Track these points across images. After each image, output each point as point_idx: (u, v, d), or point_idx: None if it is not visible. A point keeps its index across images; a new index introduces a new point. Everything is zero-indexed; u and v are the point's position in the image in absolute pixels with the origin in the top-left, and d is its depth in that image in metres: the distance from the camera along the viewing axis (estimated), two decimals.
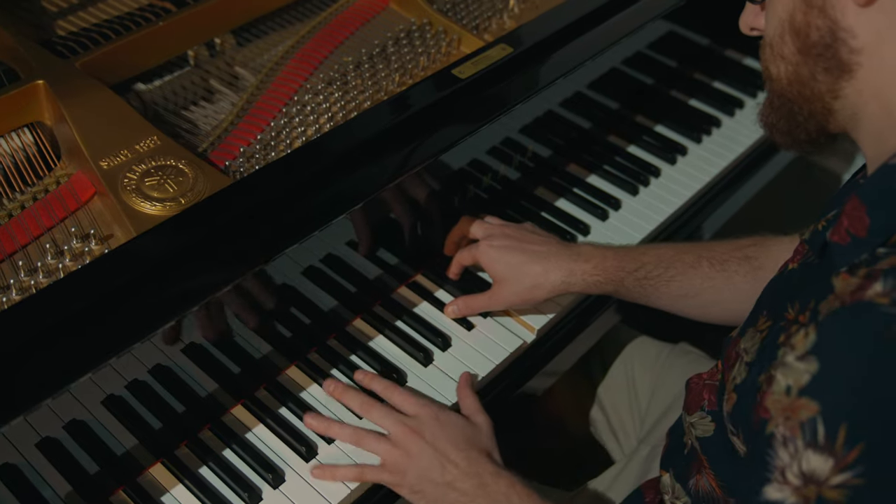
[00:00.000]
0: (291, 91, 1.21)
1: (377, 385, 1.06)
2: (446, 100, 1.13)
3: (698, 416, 0.99)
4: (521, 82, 1.18)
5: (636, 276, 1.13)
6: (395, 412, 1.02)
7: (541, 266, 1.12)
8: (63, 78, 1.09)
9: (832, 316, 0.69)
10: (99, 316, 0.89)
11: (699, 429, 0.97)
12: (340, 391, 1.05)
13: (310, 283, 1.10)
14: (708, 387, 1.00)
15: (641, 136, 1.48)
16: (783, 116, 0.85)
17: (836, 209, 0.82)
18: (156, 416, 1.00)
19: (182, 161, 1.03)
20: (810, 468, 0.67)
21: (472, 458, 0.97)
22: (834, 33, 0.75)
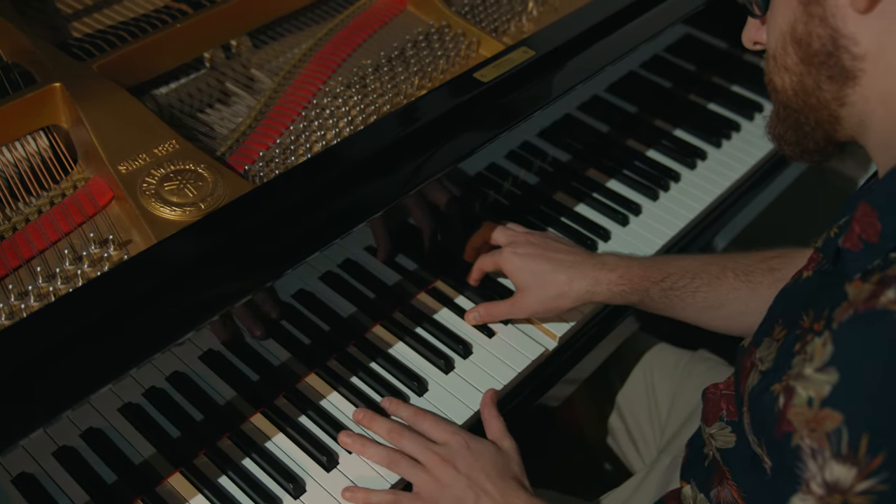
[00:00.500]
0: (310, 94, 1.20)
1: (404, 412, 1.04)
2: (469, 104, 1.11)
3: (717, 426, 0.97)
4: (544, 86, 1.16)
5: (661, 287, 1.11)
6: (425, 440, 1.01)
7: (565, 275, 1.11)
8: (80, 80, 1.08)
9: (847, 324, 0.69)
10: (119, 324, 0.88)
11: (719, 440, 0.96)
12: (369, 419, 1.03)
13: (328, 288, 1.08)
14: (725, 397, 0.98)
15: (661, 140, 1.47)
16: (790, 127, 0.85)
17: (847, 215, 0.82)
18: (173, 425, 0.98)
19: (201, 165, 1.02)
20: (833, 477, 0.67)
21: (505, 489, 0.96)
22: (835, 41, 0.75)
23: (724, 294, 1.11)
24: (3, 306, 0.89)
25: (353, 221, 1.01)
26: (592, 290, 1.11)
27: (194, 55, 1.24)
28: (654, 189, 1.38)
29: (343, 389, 1.07)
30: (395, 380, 1.09)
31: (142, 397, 0.96)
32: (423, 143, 1.08)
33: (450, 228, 1.20)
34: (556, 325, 1.17)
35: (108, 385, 0.87)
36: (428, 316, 1.16)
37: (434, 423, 1.02)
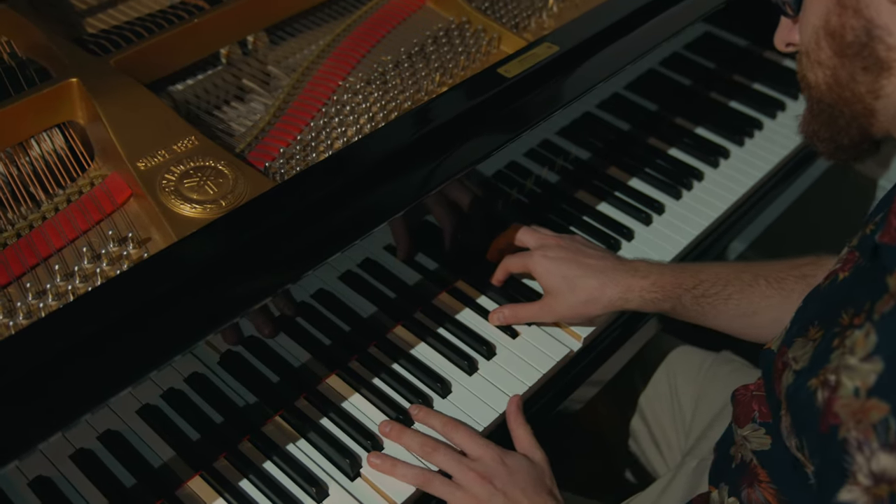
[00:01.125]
0: (329, 91, 1.17)
1: (435, 421, 1.02)
2: (493, 99, 1.09)
3: (751, 428, 0.95)
4: (569, 81, 1.14)
5: (694, 294, 1.09)
6: (459, 455, 0.98)
7: (597, 280, 1.09)
8: (97, 76, 1.06)
9: (890, 314, 0.69)
10: (139, 325, 0.85)
11: (754, 441, 0.94)
12: (397, 433, 1.00)
13: (348, 288, 1.06)
14: (757, 398, 0.96)
15: (682, 138, 1.44)
16: (824, 123, 0.85)
17: (883, 212, 0.81)
18: (193, 427, 0.96)
19: (221, 162, 1.00)
20: (881, 468, 0.67)
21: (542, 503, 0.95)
22: (870, 32, 0.75)
23: (757, 302, 1.09)
24: (22, 305, 0.87)
25: (375, 220, 0.99)
26: (624, 297, 1.09)
27: (211, 51, 1.22)
28: (676, 188, 1.35)
29: (365, 391, 1.05)
30: (417, 381, 1.07)
31: (160, 399, 0.94)
32: (447, 139, 1.05)
33: (471, 228, 1.18)
34: (580, 327, 1.15)
35: (127, 388, 0.85)
36: (450, 316, 1.14)
37: (467, 435, 1.00)
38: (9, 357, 0.81)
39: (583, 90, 1.15)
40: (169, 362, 0.87)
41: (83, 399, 0.82)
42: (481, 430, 1.03)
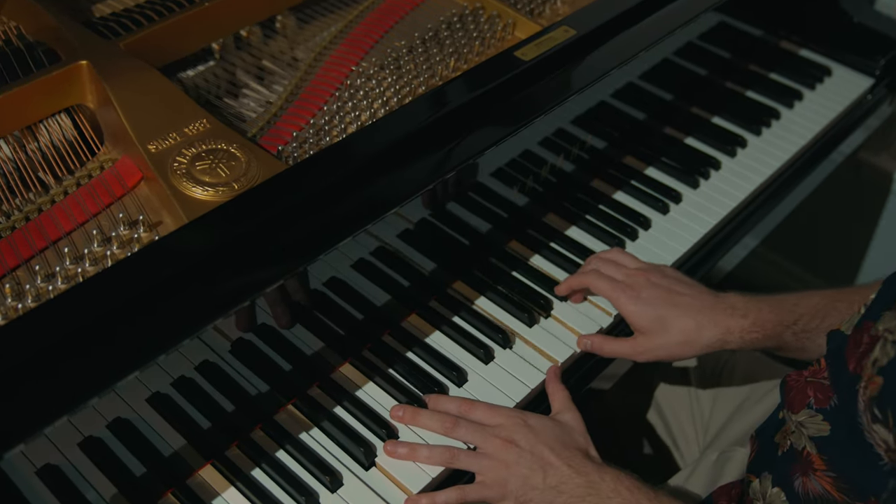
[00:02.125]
0: (342, 76, 1.15)
1: (451, 406, 0.99)
2: (510, 82, 1.07)
3: (806, 414, 0.93)
4: (586, 65, 1.12)
5: (794, 330, 1.05)
6: (480, 427, 0.96)
7: (694, 321, 1.04)
8: (107, 58, 1.04)
9: None
10: (148, 308, 0.83)
11: (811, 428, 0.91)
12: (411, 415, 0.98)
13: (361, 276, 1.04)
14: (812, 384, 0.94)
15: (699, 128, 1.42)
16: None
17: None
18: (204, 415, 0.94)
19: (234, 145, 0.98)
20: None
21: (571, 458, 0.93)
22: None
23: None
24: (30, 288, 0.85)
25: (389, 204, 0.97)
26: (724, 339, 1.05)
27: (222, 36, 1.20)
28: (693, 176, 1.33)
29: (379, 379, 1.03)
30: (433, 370, 1.05)
31: (170, 387, 0.92)
32: (462, 123, 1.03)
33: (485, 216, 1.16)
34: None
35: (134, 373, 0.83)
36: (466, 305, 1.12)
37: (486, 409, 0.98)
38: (16, 340, 0.79)
39: (600, 74, 1.13)
40: (177, 347, 0.84)
41: (90, 383, 0.80)
42: None
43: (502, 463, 0.93)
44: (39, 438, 0.80)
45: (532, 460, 0.93)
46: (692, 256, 1.26)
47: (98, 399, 0.81)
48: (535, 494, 0.92)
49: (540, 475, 0.92)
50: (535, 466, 0.92)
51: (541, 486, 0.92)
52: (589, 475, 0.92)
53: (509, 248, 1.17)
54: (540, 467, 0.92)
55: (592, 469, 0.93)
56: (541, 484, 0.92)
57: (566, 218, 1.25)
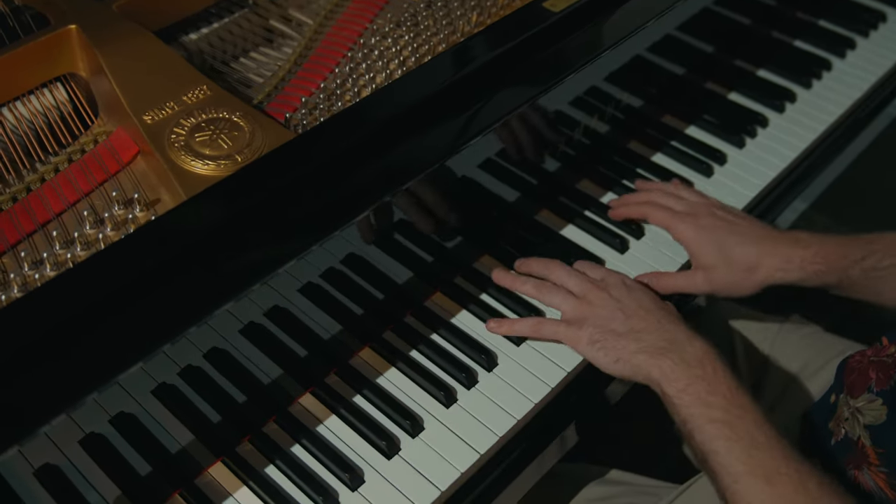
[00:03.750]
0: (356, 34, 1.06)
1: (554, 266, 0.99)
2: (538, 37, 0.97)
3: (866, 399, 0.84)
4: (621, 15, 1.02)
5: (863, 267, 0.97)
6: (579, 272, 0.97)
7: (755, 249, 0.99)
8: (99, 22, 0.96)
9: None
10: (146, 294, 0.76)
11: (868, 415, 0.83)
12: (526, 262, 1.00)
13: (382, 252, 0.96)
14: (875, 364, 0.85)
15: (744, 82, 1.32)
16: None
17: None
18: (213, 408, 0.87)
19: (237, 113, 0.89)
20: None
21: (662, 318, 0.90)
22: None
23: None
24: (16, 277, 0.78)
25: (408, 174, 0.88)
26: (784, 269, 0.99)
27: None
28: (739, 135, 1.23)
29: (402, 365, 0.95)
30: (459, 353, 0.97)
31: (177, 377, 0.85)
32: (486, 84, 0.94)
33: (514, 184, 1.07)
34: None
35: (137, 364, 0.75)
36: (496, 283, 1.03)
37: (589, 264, 0.98)
38: (4, 332, 0.72)
39: (636, 26, 1.03)
40: (182, 335, 0.77)
41: (88, 377, 0.73)
42: (532, 405, 0.93)
43: (586, 302, 0.92)
44: (37, 437, 0.73)
45: (617, 307, 0.91)
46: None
47: (98, 394, 0.74)
48: (611, 336, 0.89)
49: (621, 319, 0.90)
50: (618, 313, 0.90)
51: (620, 329, 0.89)
52: (677, 334, 0.87)
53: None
54: (623, 314, 0.90)
55: (683, 331, 0.88)
56: (620, 327, 0.89)
57: (601, 184, 1.16)
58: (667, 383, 0.85)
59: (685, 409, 0.83)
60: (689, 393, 0.83)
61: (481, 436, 0.90)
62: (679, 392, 0.84)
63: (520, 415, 0.92)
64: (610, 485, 1.08)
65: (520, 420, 0.92)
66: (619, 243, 1.07)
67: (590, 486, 1.07)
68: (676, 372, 0.84)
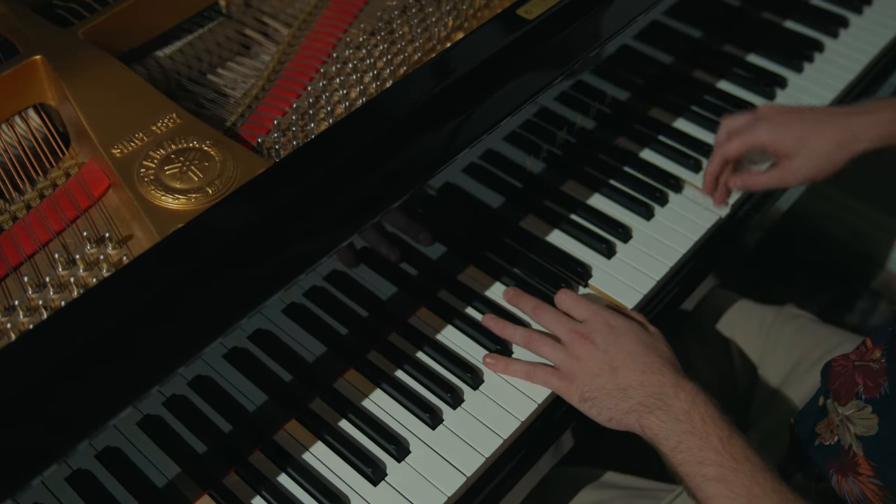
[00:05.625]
0: (329, 46, 1.04)
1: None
2: (514, 46, 0.94)
3: (855, 406, 0.83)
4: (600, 18, 0.99)
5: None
6: (565, 317, 0.96)
7: (831, 127, 1.05)
8: (64, 51, 0.94)
9: None
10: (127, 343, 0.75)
11: (859, 425, 0.82)
12: (517, 296, 1.00)
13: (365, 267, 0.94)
14: (861, 369, 0.84)
15: (732, 69, 1.29)
16: None
17: None
18: (199, 438, 0.87)
19: (207, 142, 0.88)
20: None
21: (648, 364, 0.89)
22: None
23: None
24: None
25: (383, 203, 0.86)
26: (859, 139, 1.04)
27: (198, 9, 1.09)
28: None
29: (386, 387, 0.94)
30: (445, 371, 0.96)
31: (162, 407, 0.85)
32: (465, 96, 0.92)
33: (501, 190, 1.05)
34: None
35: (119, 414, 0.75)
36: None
37: (575, 301, 0.97)
38: None
39: (618, 27, 1.00)
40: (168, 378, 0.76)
41: (71, 431, 0.73)
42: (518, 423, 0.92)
43: (575, 357, 0.92)
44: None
45: (604, 360, 0.90)
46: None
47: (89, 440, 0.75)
48: (601, 394, 0.89)
49: (609, 375, 0.89)
50: (605, 367, 0.90)
51: (608, 387, 0.89)
52: (663, 387, 0.86)
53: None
54: (611, 368, 0.89)
55: (669, 381, 0.87)
56: (608, 384, 0.89)
57: (588, 185, 1.14)
58: (659, 443, 0.85)
59: (680, 467, 0.83)
60: (682, 451, 0.83)
61: (468, 457, 0.89)
62: (672, 451, 0.84)
63: (507, 434, 0.91)
64: (606, 488, 1.08)
65: (506, 439, 0.91)
66: (606, 248, 1.06)
67: (585, 490, 1.07)
68: (666, 430, 0.84)
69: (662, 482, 1.07)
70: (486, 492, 0.92)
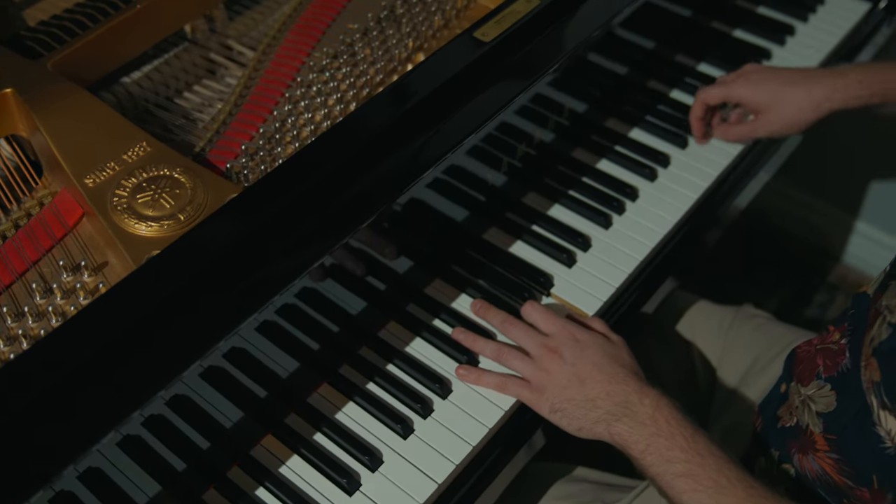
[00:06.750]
0: (293, 70, 1.07)
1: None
2: (472, 69, 0.98)
3: (815, 386, 0.88)
4: (555, 37, 1.03)
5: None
6: (533, 331, 0.99)
7: (801, 87, 1.15)
8: (34, 83, 0.96)
9: None
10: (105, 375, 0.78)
11: (819, 402, 0.87)
12: (485, 309, 1.03)
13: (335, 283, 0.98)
14: (822, 352, 0.89)
15: (684, 80, 1.33)
16: None
17: None
18: (177, 455, 0.89)
19: (177, 170, 0.91)
20: None
21: (614, 375, 0.93)
22: None
23: None
24: None
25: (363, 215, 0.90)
26: (830, 98, 1.13)
27: (165, 35, 1.12)
28: (683, 136, 1.25)
29: (359, 398, 0.98)
30: (415, 382, 0.99)
31: (142, 427, 0.87)
32: (428, 119, 0.95)
33: (464, 203, 1.09)
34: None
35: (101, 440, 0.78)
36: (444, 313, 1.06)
37: (543, 314, 1.00)
38: None
39: (573, 45, 1.04)
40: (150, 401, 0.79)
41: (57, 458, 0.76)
42: (486, 430, 0.96)
43: (544, 371, 0.95)
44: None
45: (572, 373, 0.94)
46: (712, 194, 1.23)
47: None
48: (571, 405, 0.93)
49: (577, 387, 0.93)
50: (573, 379, 0.93)
51: (577, 398, 0.93)
52: (628, 395, 0.91)
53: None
54: (579, 380, 0.93)
55: (633, 389, 0.91)
56: (577, 395, 0.93)
57: (548, 196, 1.18)
58: (628, 448, 0.90)
59: (650, 468, 0.88)
60: (651, 453, 0.87)
61: (439, 465, 0.93)
62: (641, 454, 0.88)
63: (475, 441, 0.95)
64: (577, 482, 1.12)
65: (475, 446, 0.95)
66: (567, 258, 1.10)
67: (558, 484, 1.11)
68: (634, 435, 0.89)
69: (631, 478, 1.12)
70: (462, 492, 0.95)
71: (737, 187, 1.26)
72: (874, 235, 1.98)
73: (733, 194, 1.26)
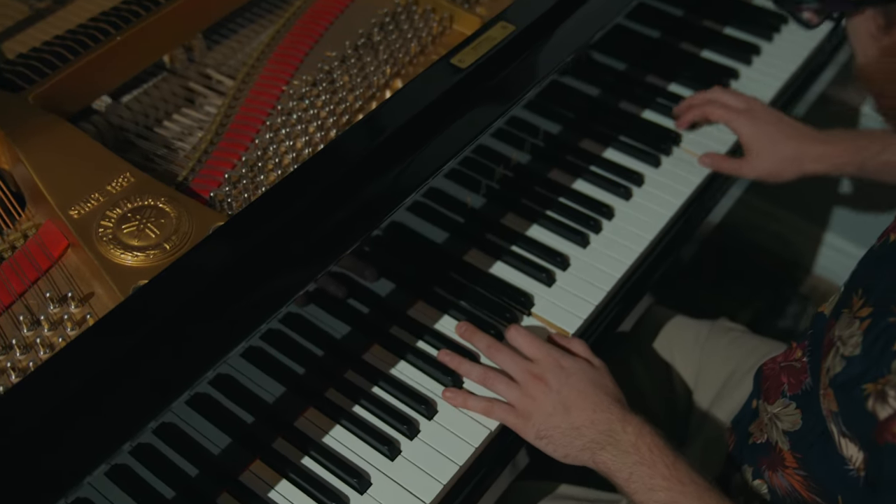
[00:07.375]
0: (273, 98, 1.09)
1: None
2: (449, 95, 1.00)
3: (781, 404, 0.91)
4: (531, 62, 1.06)
5: (880, 160, 1.17)
6: (518, 357, 1.01)
7: (796, 143, 1.20)
8: (16, 116, 0.97)
9: None
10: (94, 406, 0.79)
11: (785, 421, 0.89)
12: (470, 332, 1.04)
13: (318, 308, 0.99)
14: (786, 369, 0.92)
15: (656, 98, 1.36)
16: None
17: None
18: (166, 483, 0.90)
19: (161, 199, 0.92)
20: None
21: (598, 403, 0.95)
22: None
23: None
24: None
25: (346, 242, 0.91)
26: (818, 162, 1.20)
27: (145, 65, 1.13)
28: (655, 155, 1.28)
29: (345, 421, 0.99)
30: (401, 404, 1.00)
31: (129, 456, 0.88)
32: (407, 145, 0.97)
33: (444, 226, 1.10)
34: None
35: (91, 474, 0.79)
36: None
37: (529, 339, 1.01)
38: None
39: (548, 70, 1.06)
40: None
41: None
42: (472, 450, 0.97)
43: (531, 398, 0.97)
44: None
45: (557, 400, 0.95)
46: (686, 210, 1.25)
47: None
48: (557, 433, 0.95)
49: (563, 415, 0.94)
50: (559, 407, 0.95)
51: (562, 426, 0.94)
52: (611, 423, 0.92)
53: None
54: (564, 408, 0.95)
55: (616, 417, 0.93)
56: (562, 423, 0.94)
57: (526, 217, 1.20)
58: (612, 476, 0.92)
59: (634, 495, 0.90)
60: (634, 481, 0.90)
61: (427, 485, 0.94)
62: (625, 482, 0.90)
63: (462, 460, 0.96)
64: (561, 500, 1.13)
65: (462, 465, 0.96)
66: (546, 277, 1.12)
67: (542, 502, 1.12)
68: (617, 464, 0.91)
69: (613, 492, 1.13)
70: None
71: (710, 203, 1.29)
72: (843, 247, 2.02)
73: (707, 210, 1.29)
